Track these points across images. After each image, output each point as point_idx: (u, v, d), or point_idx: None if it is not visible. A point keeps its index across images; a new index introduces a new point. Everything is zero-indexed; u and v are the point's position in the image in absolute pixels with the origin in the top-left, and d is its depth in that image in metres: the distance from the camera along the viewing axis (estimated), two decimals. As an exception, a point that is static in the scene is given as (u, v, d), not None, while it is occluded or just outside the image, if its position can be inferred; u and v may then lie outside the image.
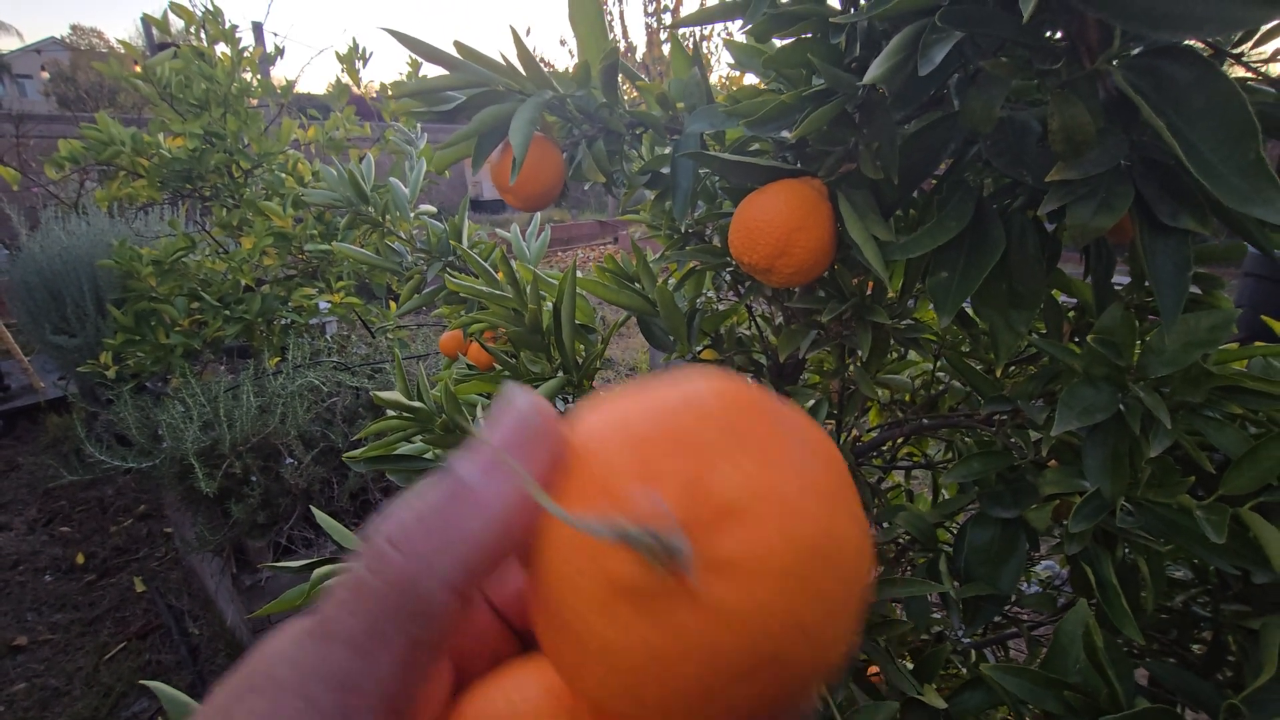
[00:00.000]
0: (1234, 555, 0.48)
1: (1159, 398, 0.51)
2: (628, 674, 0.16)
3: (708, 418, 0.16)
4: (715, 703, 0.15)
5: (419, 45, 0.59)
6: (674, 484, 0.15)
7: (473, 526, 0.16)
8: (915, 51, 0.48)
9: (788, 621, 0.15)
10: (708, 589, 0.15)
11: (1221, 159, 0.35)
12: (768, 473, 0.16)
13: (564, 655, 0.17)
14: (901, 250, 0.57)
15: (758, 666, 0.15)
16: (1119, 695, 0.41)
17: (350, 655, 0.16)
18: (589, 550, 0.16)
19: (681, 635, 0.15)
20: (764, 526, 0.15)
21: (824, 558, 0.15)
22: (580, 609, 0.16)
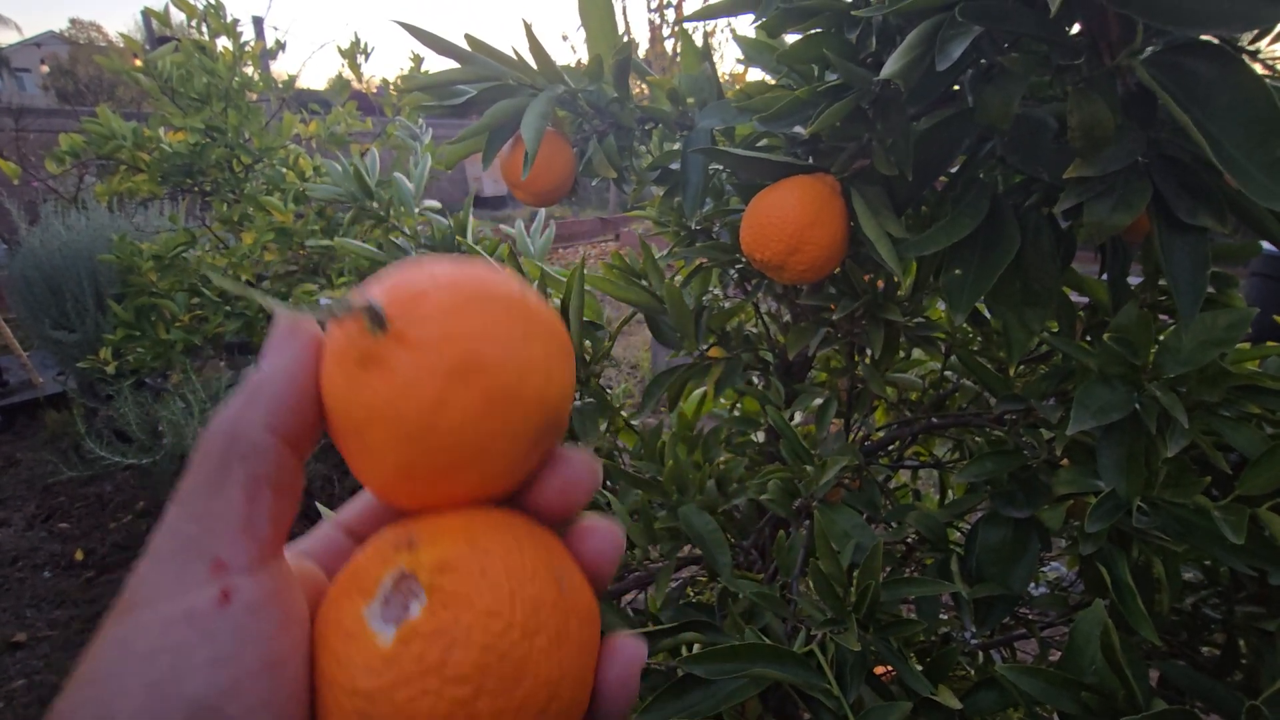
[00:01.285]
0: (1251, 556, 0.48)
1: (1176, 397, 0.50)
2: (388, 416, 0.21)
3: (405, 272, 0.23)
4: (449, 406, 0.21)
5: (430, 38, 0.58)
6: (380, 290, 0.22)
7: (269, 387, 0.22)
8: (933, 46, 0.48)
9: (472, 333, 0.21)
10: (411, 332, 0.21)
11: (1246, 155, 0.35)
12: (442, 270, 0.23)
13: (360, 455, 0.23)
14: (916, 247, 0.57)
15: (461, 367, 0.21)
16: (1137, 696, 0.41)
17: (200, 497, 0.21)
18: (338, 357, 0.22)
19: (403, 367, 0.21)
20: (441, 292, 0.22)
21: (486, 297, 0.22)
22: (349, 397, 0.22)
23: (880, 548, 0.53)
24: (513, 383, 0.22)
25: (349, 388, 0.22)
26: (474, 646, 0.20)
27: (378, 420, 0.21)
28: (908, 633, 0.53)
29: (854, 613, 0.53)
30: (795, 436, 0.68)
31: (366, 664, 0.20)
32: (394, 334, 0.21)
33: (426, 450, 0.22)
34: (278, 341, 0.23)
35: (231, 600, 0.20)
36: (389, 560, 0.22)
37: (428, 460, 0.22)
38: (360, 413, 0.22)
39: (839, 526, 0.63)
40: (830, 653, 0.51)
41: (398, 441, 0.21)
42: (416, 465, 0.22)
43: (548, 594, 0.22)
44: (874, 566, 0.52)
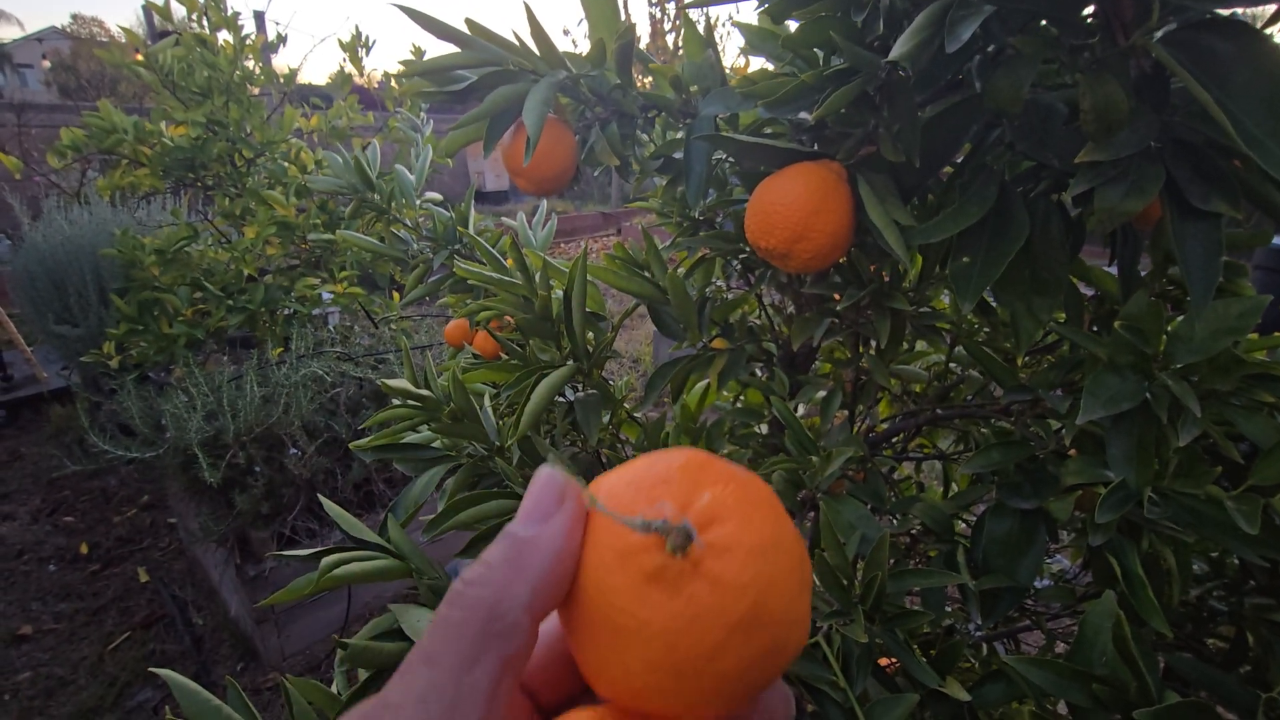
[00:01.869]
0: (1264, 546, 0.47)
1: (1187, 386, 0.50)
2: (660, 642, 0.21)
3: (683, 467, 0.24)
4: (725, 655, 0.21)
5: (430, 22, 0.57)
6: (670, 502, 0.22)
7: (535, 560, 0.22)
8: (942, 28, 0.47)
9: (763, 584, 0.21)
10: (708, 566, 0.21)
11: (1269, 133, 0.34)
12: (727, 493, 0.23)
13: (603, 650, 0.22)
14: (923, 235, 0.56)
15: (749, 620, 0.21)
16: (1149, 688, 0.40)
17: (454, 675, 0.20)
18: (621, 557, 0.22)
19: (695, 601, 0.21)
20: (736, 524, 0.22)
21: (778, 545, 0.22)
22: (619, 603, 0.22)
23: (887, 539, 0.52)
24: (784, 639, 0.22)
25: (626, 594, 0.21)
26: None
27: (649, 640, 0.21)
28: (914, 624, 0.52)
29: (860, 605, 0.52)
30: (800, 428, 0.67)
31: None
32: (693, 560, 0.21)
33: (688, 686, 0.21)
34: (545, 504, 0.23)
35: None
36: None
37: (684, 693, 0.22)
38: (629, 623, 0.21)
39: (844, 518, 0.62)
40: (836, 645, 0.51)
41: (657, 669, 0.21)
42: (670, 692, 0.22)
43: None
44: (880, 558, 0.52)
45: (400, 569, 0.61)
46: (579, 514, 0.23)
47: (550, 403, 0.68)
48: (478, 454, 0.75)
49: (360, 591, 2.25)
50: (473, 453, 0.76)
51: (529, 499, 0.23)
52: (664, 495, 0.22)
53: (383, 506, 2.24)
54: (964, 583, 0.58)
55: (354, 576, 0.57)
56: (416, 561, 0.62)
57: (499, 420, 0.77)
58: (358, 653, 0.52)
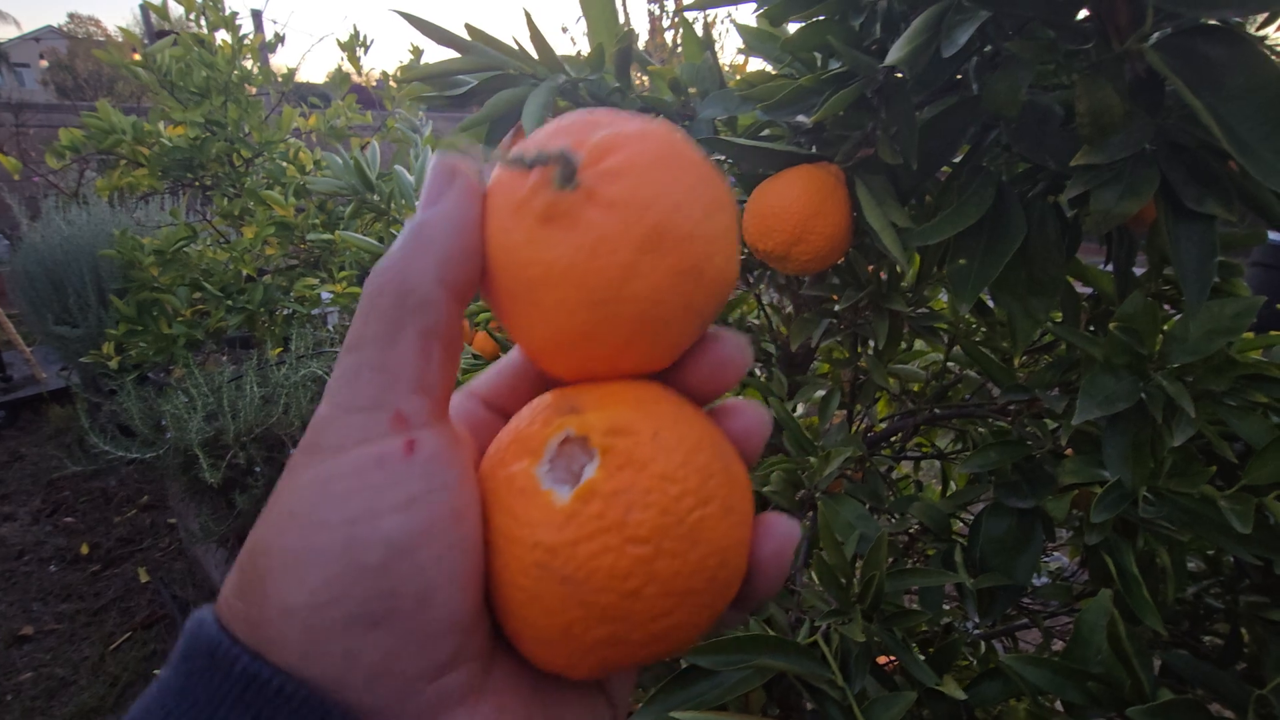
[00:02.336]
0: (1257, 545, 0.48)
1: (1182, 386, 0.50)
2: (569, 279, 0.21)
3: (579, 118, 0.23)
4: (638, 277, 0.20)
5: (430, 28, 0.58)
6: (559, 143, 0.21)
7: (435, 235, 0.22)
8: (938, 32, 0.47)
9: (664, 199, 0.21)
10: (603, 190, 0.20)
11: (1260, 140, 0.34)
12: (628, 128, 0.22)
13: (525, 313, 0.22)
14: (920, 236, 0.56)
15: (656, 236, 0.20)
16: (1144, 686, 0.41)
17: (376, 349, 0.21)
18: (515, 209, 0.21)
19: (593, 228, 0.20)
20: (629, 149, 0.21)
21: (678, 159, 0.21)
22: (523, 256, 0.21)
23: (885, 538, 0.52)
24: (700, 257, 0.21)
25: (526, 243, 0.21)
26: (652, 508, 0.20)
27: (558, 281, 0.21)
28: (912, 623, 0.53)
29: (858, 603, 0.52)
30: (798, 428, 0.68)
31: (546, 520, 0.20)
32: (584, 190, 0.20)
33: (606, 317, 0.21)
34: (437, 186, 0.22)
35: (416, 450, 0.20)
36: (552, 423, 0.22)
37: (605, 327, 0.21)
38: (536, 270, 0.21)
39: (842, 517, 0.63)
40: (834, 644, 0.51)
41: (577, 305, 0.21)
42: (592, 331, 0.21)
43: (715, 464, 0.22)
44: (879, 557, 0.52)
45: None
46: (471, 185, 0.22)
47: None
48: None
49: (361, 591, 2.25)
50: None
51: (423, 187, 0.23)
52: (555, 140, 0.21)
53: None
54: (962, 581, 0.59)
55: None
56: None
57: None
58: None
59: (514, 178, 0.21)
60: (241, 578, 0.20)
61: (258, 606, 0.19)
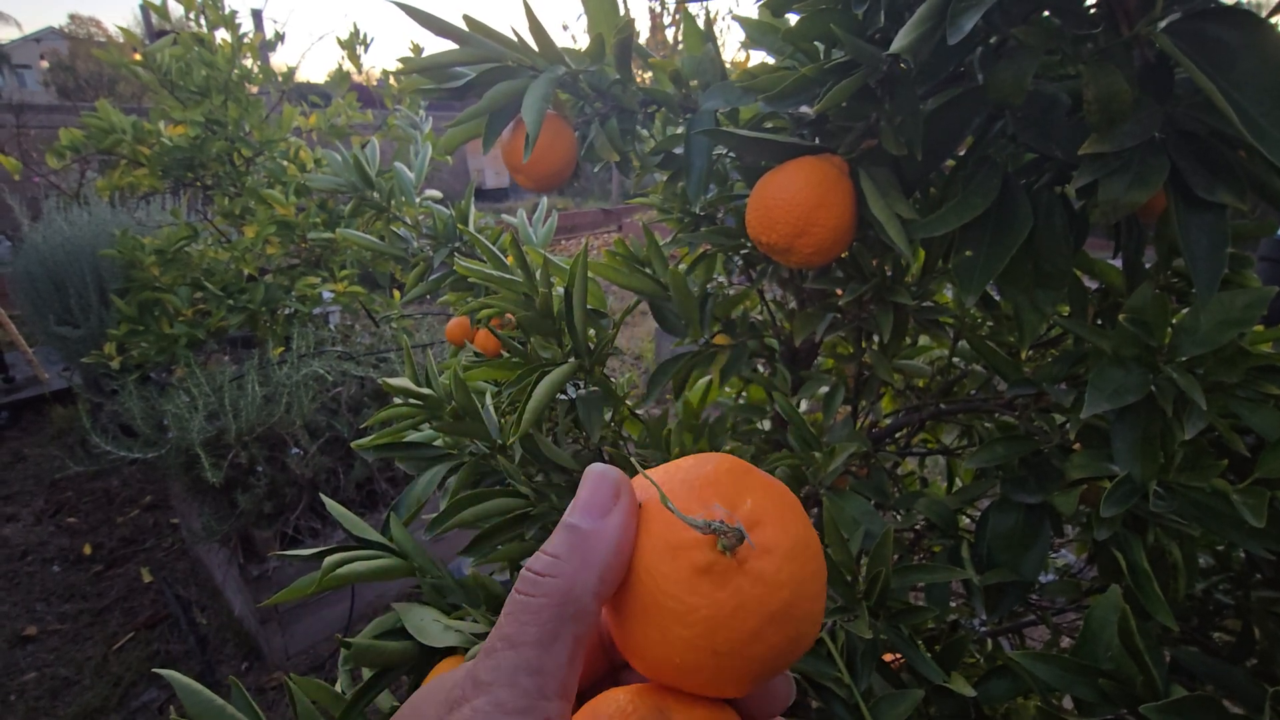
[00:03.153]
0: (1271, 539, 0.47)
1: (1193, 378, 0.49)
2: (705, 626, 0.24)
3: (729, 472, 0.27)
4: (759, 642, 0.24)
5: (428, 19, 0.57)
6: (721, 504, 0.25)
7: (600, 551, 0.24)
8: (943, 20, 0.46)
9: (795, 583, 0.25)
10: (752, 564, 0.24)
11: (1273, 122, 0.34)
12: (766, 499, 0.26)
13: (648, 631, 0.25)
14: (925, 228, 0.56)
15: (782, 613, 0.24)
16: (1156, 682, 0.40)
17: (538, 651, 0.23)
18: (673, 549, 0.25)
19: (739, 593, 0.24)
20: (775, 529, 0.25)
21: (807, 547, 0.26)
22: (669, 589, 0.24)
23: (891, 535, 0.52)
24: (805, 632, 0.25)
25: (676, 584, 0.24)
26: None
27: (693, 624, 0.24)
28: (918, 620, 0.52)
29: (865, 600, 0.52)
30: (802, 423, 0.67)
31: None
32: (740, 559, 0.24)
33: (722, 665, 0.24)
34: (601, 499, 0.25)
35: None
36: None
37: (716, 669, 0.25)
38: (676, 607, 0.24)
39: (848, 514, 0.62)
40: (840, 641, 0.51)
41: (702, 649, 0.24)
42: (703, 669, 0.25)
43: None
44: (884, 554, 0.52)
45: (403, 568, 0.61)
46: (634, 508, 0.25)
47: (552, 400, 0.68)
48: (480, 452, 0.75)
49: (363, 590, 2.26)
50: (475, 451, 0.75)
51: (586, 492, 0.25)
52: (714, 497, 0.25)
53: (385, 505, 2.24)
54: (968, 578, 0.58)
55: (357, 575, 0.57)
56: (419, 560, 0.62)
57: (500, 418, 0.76)
58: (361, 651, 0.51)
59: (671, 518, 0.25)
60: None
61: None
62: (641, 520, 0.26)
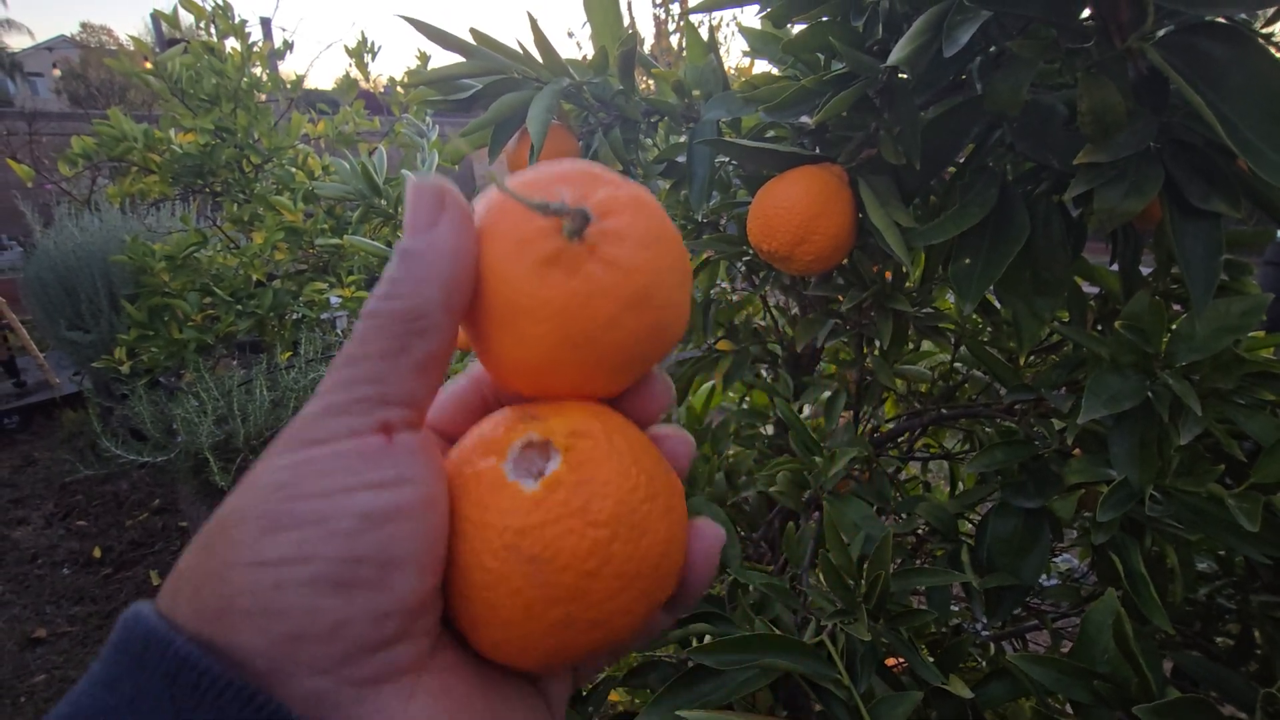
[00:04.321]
0: (1266, 544, 0.47)
1: (1189, 385, 0.50)
2: (560, 317, 0.23)
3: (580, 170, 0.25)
4: (617, 328, 0.23)
5: (436, 33, 0.58)
6: (567, 196, 0.24)
7: (435, 261, 0.23)
8: (940, 33, 0.47)
9: (650, 270, 0.24)
10: (603, 250, 0.23)
11: (1261, 136, 0.34)
12: (619, 191, 0.24)
13: (504, 336, 0.24)
14: (924, 236, 0.56)
15: (638, 298, 0.23)
16: (1151, 685, 0.41)
17: (381, 362, 0.22)
18: (520, 244, 0.23)
19: (591, 279, 0.23)
20: (628, 215, 0.24)
21: (662, 239, 0.24)
22: (520, 286, 0.23)
23: (890, 538, 0.52)
24: (667, 321, 0.25)
25: (524, 278, 0.23)
26: (609, 498, 0.23)
27: (547, 317, 0.23)
28: (918, 623, 0.53)
29: (864, 603, 0.52)
30: (804, 429, 0.68)
31: (516, 506, 0.23)
32: (589, 245, 0.23)
33: (581, 356, 0.24)
34: (427, 210, 0.23)
35: (395, 442, 0.22)
36: (516, 429, 0.24)
37: (577, 362, 0.24)
38: (527, 303, 0.23)
39: (848, 518, 0.62)
40: (840, 643, 0.51)
41: (557, 341, 0.23)
42: (565, 364, 0.24)
43: (657, 469, 0.25)
44: (884, 557, 0.52)
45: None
46: (465, 213, 0.24)
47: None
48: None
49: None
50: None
51: (409, 212, 0.23)
52: (561, 190, 0.24)
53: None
54: (968, 581, 0.58)
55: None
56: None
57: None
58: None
59: (520, 214, 0.23)
60: (206, 546, 0.21)
61: (224, 566, 0.20)
62: (488, 223, 0.24)
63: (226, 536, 0.20)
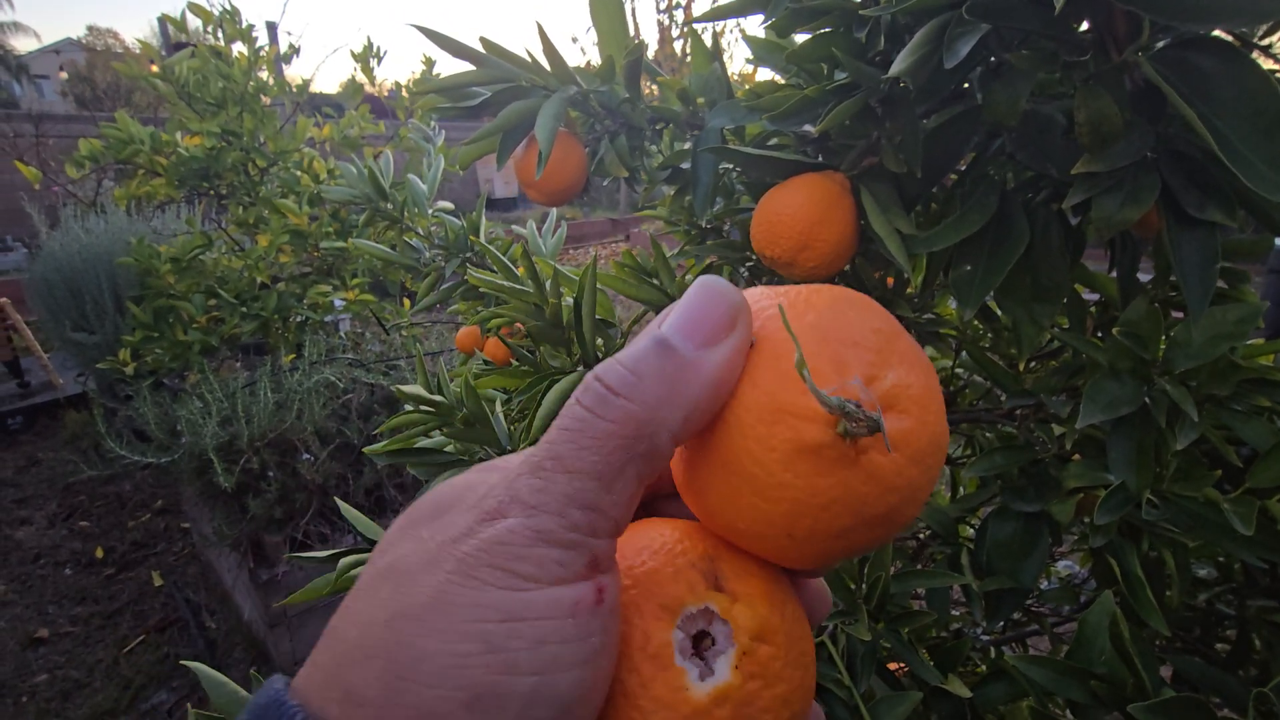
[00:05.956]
0: (1261, 548, 0.48)
1: (1185, 391, 0.51)
2: (791, 508, 0.20)
3: (876, 331, 0.21)
4: (845, 540, 0.21)
5: (445, 40, 0.59)
6: (861, 368, 0.20)
7: (694, 386, 0.20)
8: (940, 44, 0.48)
9: (912, 490, 0.20)
10: (872, 457, 0.20)
11: (1251, 148, 0.35)
12: (911, 378, 0.21)
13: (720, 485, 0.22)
14: (925, 243, 0.57)
15: (883, 519, 0.20)
16: (1146, 685, 0.41)
17: (596, 486, 0.19)
18: (780, 413, 0.20)
19: (844, 487, 0.20)
20: (913, 422, 0.20)
21: (940, 450, 0.21)
22: (761, 456, 0.20)
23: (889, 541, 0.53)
24: (892, 535, 0.22)
25: (772, 452, 0.20)
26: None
27: (773, 500, 0.20)
28: (918, 624, 0.53)
29: (865, 604, 0.53)
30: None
31: (673, 705, 0.20)
32: (859, 450, 0.20)
33: (789, 547, 0.21)
34: (714, 324, 0.20)
35: (604, 600, 0.19)
36: (695, 589, 0.22)
37: (783, 548, 0.22)
38: (762, 477, 0.20)
39: (849, 521, 0.63)
40: (841, 644, 0.52)
41: (773, 528, 0.21)
42: (771, 541, 0.22)
43: (811, 680, 0.23)
44: (884, 559, 0.53)
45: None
46: (745, 344, 0.20)
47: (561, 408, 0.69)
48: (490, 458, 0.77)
49: (371, 596, 2.26)
50: (485, 457, 0.77)
51: (695, 307, 0.20)
52: (853, 363, 0.20)
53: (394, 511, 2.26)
54: (967, 584, 0.59)
55: (371, 577, 0.58)
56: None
57: (510, 425, 0.78)
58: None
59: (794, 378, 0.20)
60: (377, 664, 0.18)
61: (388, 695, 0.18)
62: (750, 358, 0.21)
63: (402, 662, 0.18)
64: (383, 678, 0.18)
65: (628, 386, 0.20)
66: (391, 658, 0.18)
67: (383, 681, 0.18)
